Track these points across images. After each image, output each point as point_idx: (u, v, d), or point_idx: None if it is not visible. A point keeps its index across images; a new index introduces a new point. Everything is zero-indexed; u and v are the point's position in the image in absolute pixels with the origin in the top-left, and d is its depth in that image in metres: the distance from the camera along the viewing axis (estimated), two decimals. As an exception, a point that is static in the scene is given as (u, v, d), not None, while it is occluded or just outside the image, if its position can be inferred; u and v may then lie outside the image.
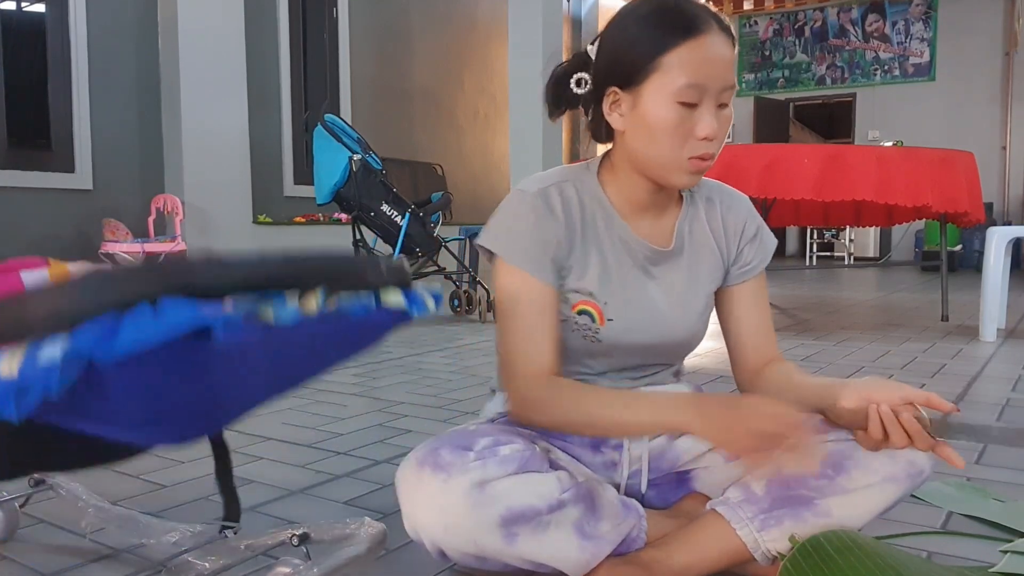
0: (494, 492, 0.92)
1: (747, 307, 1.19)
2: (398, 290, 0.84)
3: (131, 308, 0.62)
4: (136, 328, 0.61)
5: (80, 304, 0.62)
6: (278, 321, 0.71)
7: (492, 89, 9.18)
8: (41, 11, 5.31)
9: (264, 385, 0.84)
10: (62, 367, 0.60)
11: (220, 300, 0.68)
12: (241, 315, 0.68)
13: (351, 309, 0.78)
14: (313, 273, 0.76)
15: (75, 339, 0.61)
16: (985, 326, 3.40)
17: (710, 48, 0.96)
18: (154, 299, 0.63)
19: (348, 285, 0.79)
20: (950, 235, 7.49)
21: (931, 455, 1.00)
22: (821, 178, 3.32)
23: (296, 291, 0.74)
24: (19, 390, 0.61)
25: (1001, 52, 9.38)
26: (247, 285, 0.70)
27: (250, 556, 1.05)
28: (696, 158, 0.99)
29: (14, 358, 0.63)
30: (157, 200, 5.60)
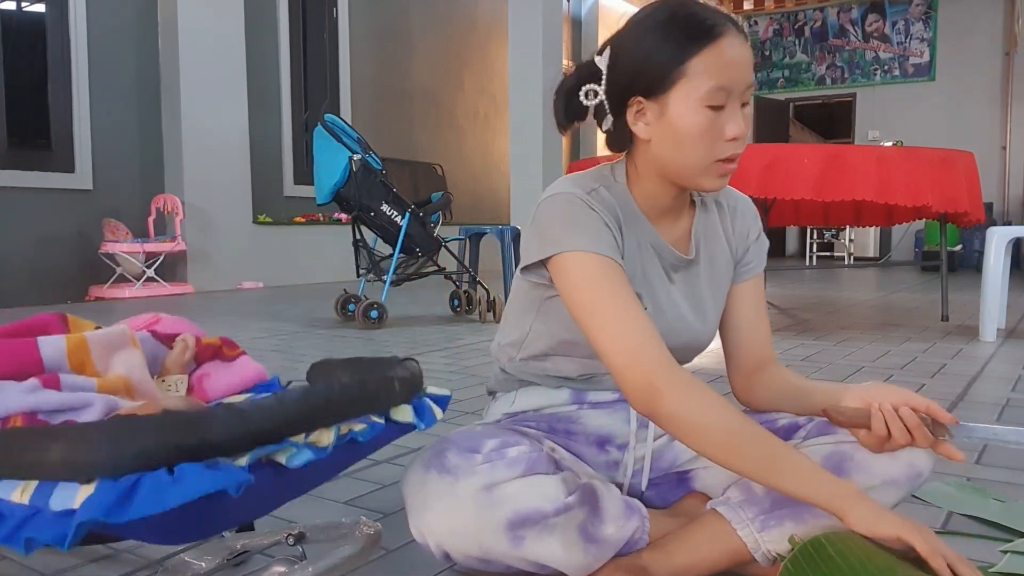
0: (501, 495, 0.92)
1: (745, 306, 1.19)
2: (408, 406, 0.86)
3: (148, 471, 0.64)
4: (152, 492, 0.62)
5: (98, 461, 0.63)
6: (290, 464, 0.73)
7: (492, 89, 9.19)
8: (41, 11, 5.31)
9: (272, 504, 0.87)
10: (75, 530, 0.61)
11: (235, 456, 0.69)
12: (253, 466, 0.69)
13: (363, 436, 0.80)
14: (330, 410, 0.77)
15: (90, 504, 0.62)
16: (985, 326, 3.40)
17: (731, 50, 0.97)
18: (171, 464, 0.64)
19: (360, 411, 0.80)
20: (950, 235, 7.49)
21: (931, 456, 1.01)
22: (821, 178, 3.32)
23: (311, 431, 0.76)
24: (29, 539, 0.62)
25: (1001, 52, 9.38)
26: (262, 437, 0.71)
27: (247, 555, 1.05)
28: (724, 160, 1.00)
29: (26, 489, 0.65)
30: (157, 200, 5.60)
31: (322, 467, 0.79)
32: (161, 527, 0.68)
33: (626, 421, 1.15)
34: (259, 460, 0.71)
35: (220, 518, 0.76)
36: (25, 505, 0.64)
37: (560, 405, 1.16)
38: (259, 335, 3.59)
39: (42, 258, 5.21)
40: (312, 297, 5.39)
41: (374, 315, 3.79)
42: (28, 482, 0.65)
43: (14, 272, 5.03)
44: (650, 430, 1.15)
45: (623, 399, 1.16)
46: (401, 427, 0.87)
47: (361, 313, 3.79)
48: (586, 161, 3.82)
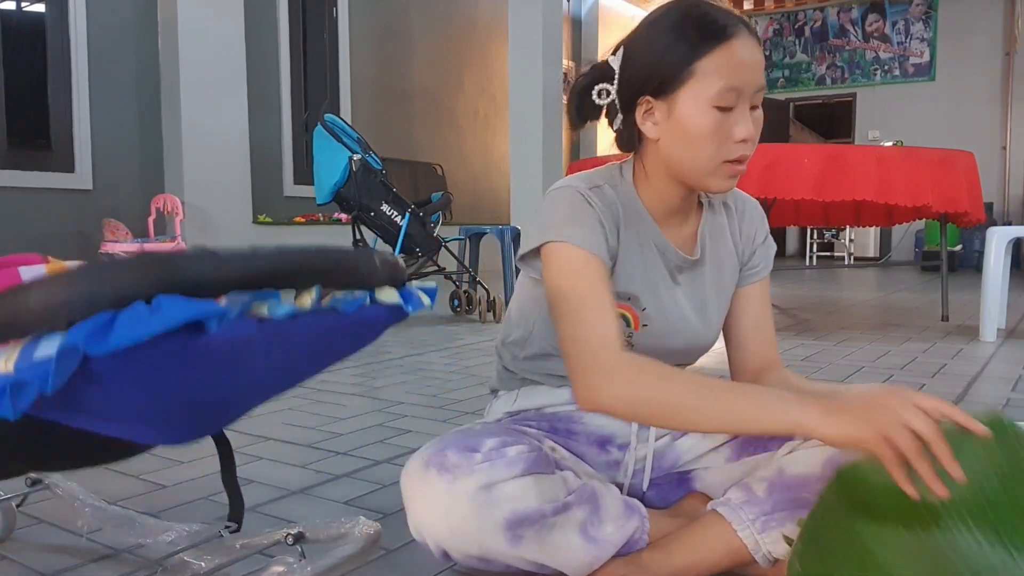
0: (500, 494, 0.92)
1: (751, 309, 1.19)
2: (393, 288, 0.84)
3: (126, 305, 0.63)
4: (130, 324, 0.62)
5: (75, 301, 0.63)
6: (272, 316, 0.71)
7: (492, 89, 9.18)
8: (41, 11, 5.31)
9: (262, 383, 0.84)
10: (57, 362, 0.60)
11: (214, 296, 0.68)
12: (235, 310, 0.68)
13: (346, 305, 0.78)
14: (307, 269, 0.76)
15: (69, 335, 0.61)
16: (985, 326, 3.40)
17: (742, 51, 0.97)
18: (149, 296, 0.63)
19: (343, 282, 0.79)
20: (950, 235, 7.49)
21: None
22: (821, 178, 3.32)
23: (291, 289, 0.75)
24: (14, 386, 0.61)
25: (1001, 52, 9.38)
26: (241, 281, 0.70)
27: (246, 555, 1.05)
28: (732, 162, 1.00)
29: (10, 355, 0.63)
30: (157, 200, 5.60)
31: (308, 336, 0.77)
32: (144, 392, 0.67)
33: (627, 422, 1.15)
34: (241, 312, 0.69)
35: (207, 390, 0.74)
36: (10, 373, 0.63)
37: (561, 404, 1.16)
38: (259, 335, 3.58)
39: (42, 258, 5.20)
40: (312, 297, 5.39)
41: (374, 315, 3.78)
42: (11, 348, 0.64)
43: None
44: (651, 430, 1.15)
45: None
46: (388, 309, 0.83)
47: (361, 313, 3.79)
48: (586, 161, 3.82)
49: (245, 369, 0.77)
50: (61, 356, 0.60)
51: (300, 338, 0.77)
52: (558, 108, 7.24)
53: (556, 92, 7.18)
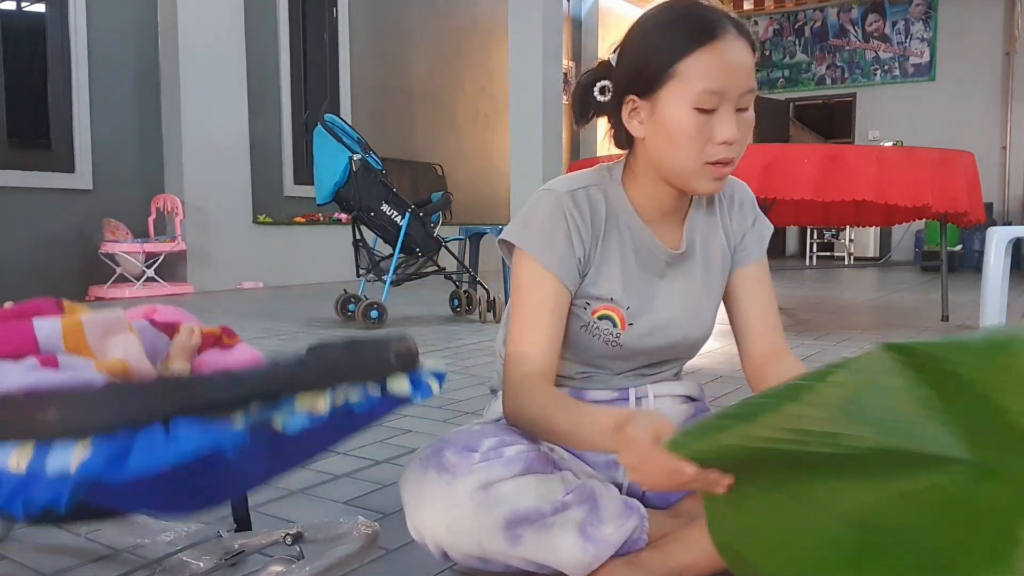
0: (499, 494, 0.92)
1: (748, 291, 1.18)
2: (405, 377, 0.86)
3: (143, 427, 0.64)
4: (147, 450, 0.63)
5: (94, 417, 0.64)
6: (286, 429, 0.73)
7: (492, 89, 9.18)
8: (41, 11, 5.31)
9: (268, 473, 0.86)
10: (72, 489, 0.62)
11: (230, 415, 0.69)
12: (249, 430, 0.69)
13: (359, 406, 0.80)
14: (323, 377, 0.77)
15: (86, 464, 0.62)
16: (985, 326, 3.39)
17: (726, 53, 0.96)
18: (166, 420, 0.64)
19: (357, 380, 0.80)
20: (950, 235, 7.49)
21: None
22: (821, 178, 3.32)
23: (306, 395, 0.75)
24: (26, 501, 0.63)
25: (1001, 52, 9.38)
26: (259, 398, 0.71)
27: (244, 555, 1.05)
28: (716, 163, 0.99)
29: (23, 454, 0.65)
30: (157, 200, 5.60)
31: (318, 435, 0.78)
32: (156, 491, 0.68)
33: None
34: (255, 426, 0.71)
35: (216, 484, 0.76)
36: (22, 474, 0.64)
37: None
38: (259, 335, 3.59)
39: (42, 258, 5.20)
40: (312, 297, 5.39)
41: (374, 315, 3.79)
42: (24, 446, 0.65)
43: (14, 272, 5.03)
44: (648, 428, 1.16)
45: (622, 398, 1.16)
46: (397, 399, 0.86)
47: (361, 313, 3.79)
48: (586, 161, 3.82)
49: (254, 470, 0.79)
50: (77, 485, 0.62)
51: (310, 437, 0.78)
52: (558, 108, 7.24)
53: (556, 92, 7.18)
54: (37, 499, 0.62)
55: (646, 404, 1.16)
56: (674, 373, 1.23)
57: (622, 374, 1.16)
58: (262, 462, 0.77)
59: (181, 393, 0.67)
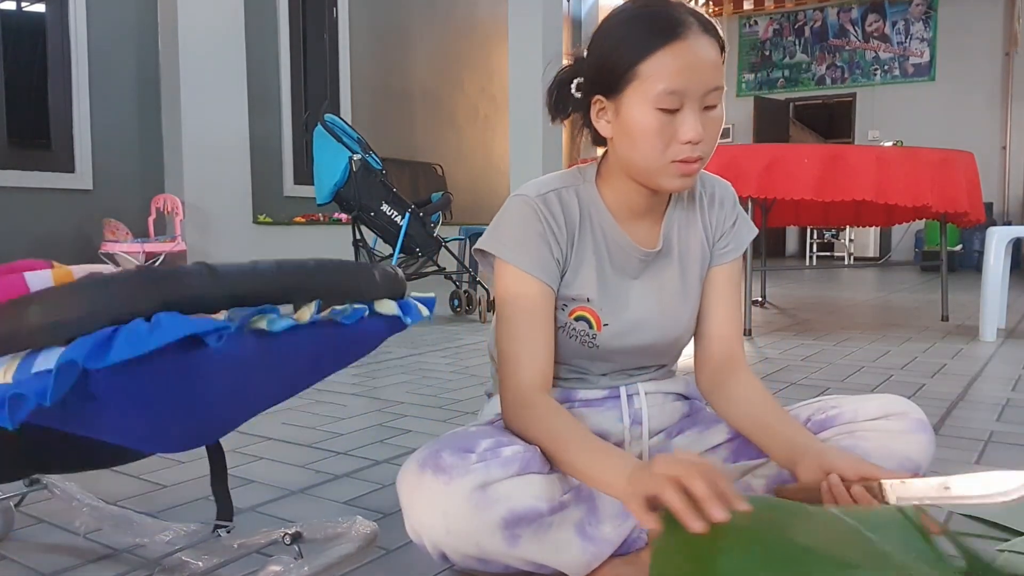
0: (496, 494, 0.92)
1: (713, 292, 1.17)
2: (392, 300, 0.85)
3: (125, 321, 0.63)
4: (129, 340, 0.62)
5: (75, 317, 0.63)
6: (271, 330, 0.72)
7: (492, 89, 9.18)
8: (41, 11, 5.31)
9: (261, 394, 0.84)
10: (56, 376, 0.60)
11: (214, 312, 0.68)
12: (234, 324, 0.68)
13: (345, 318, 0.79)
14: (306, 284, 0.76)
15: (68, 350, 0.61)
16: (985, 326, 3.39)
17: (688, 53, 0.95)
18: (148, 313, 0.64)
19: (342, 295, 0.79)
20: (950, 235, 7.49)
21: (928, 449, 1.03)
22: (821, 178, 3.32)
23: (290, 304, 0.75)
24: (13, 398, 0.61)
25: (1001, 52, 9.38)
26: (240, 297, 0.70)
27: (243, 555, 1.05)
28: (681, 162, 0.99)
29: (9, 366, 0.64)
30: (157, 200, 5.60)
31: (308, 348, 0.77)
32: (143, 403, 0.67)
33: (618, 418, 1.15)
34: (240, 327, 0.69)
35: (206, 401, 0.74)
36: (9, 384, 0.63)
37: None
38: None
39: (42, 258, 5.20)
40: (312, 297, 5.39)
41: (374, 315, 3.79)
42: (11, 359, 0.64)
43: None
44: (644, 427, 1.15)
45: (613, 396, 1.16)
46: (387, 321, 0.84)
47: (361, 313, 3.79)
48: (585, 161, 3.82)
49: (244, 381, 0.77)
50: (60, 371, 0.61)
51: (299, 350, 0.77)
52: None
53: (556, 92, 7.16)
54: (24, 394, 0.61)
55: (637, 402, 1.15)
56: (661, 373, 1.23)
57: (607, 375, 1.16)
58: (250, 373, 0.75)
59: (163, 286, 0.65)
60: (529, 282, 1.05)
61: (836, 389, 2.41)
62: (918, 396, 2.29)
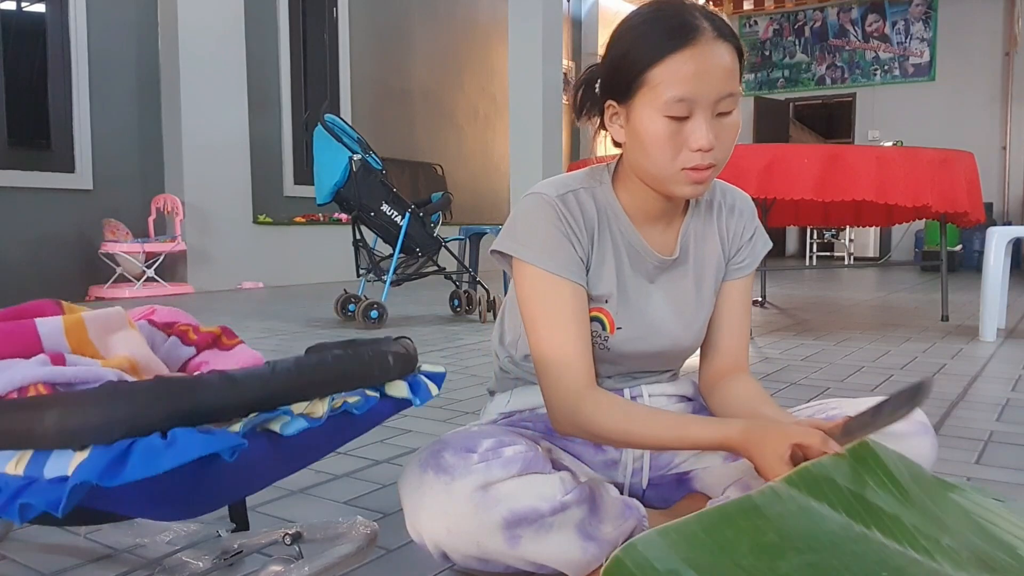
0: (498, 494, 0.92)
1: (730, 307, 1.17)
2: (403, 382, 0.86)
3: (142, 434, 0.64)
4: (145, 456, 0.63)
5: (92, 425, 0.63)
6: (284, 432, 0.73)
7: (492, 89, 9.19)
8: (41, 11, 5.31)
9: (267, 477, 0.86)
10: (69, 493, 0.61)
11: (228, 421, 0.69)
12: (247, 433, 0.69)
13: (357, 408, 0.80)
14: (322, 381, 0.77)
15: (84, 468, 0.62)
16: (985, 326, 3.39)
17: (698, 59, 0.93)
18: (165, 428, 0.64)
19: (355, 384, 0.80)
20: (950, 235, 7.49)
21: (931, 448, 1.05)
22: (821, 178, 3.32)
23: (304, 402, 0.76)
24: (23, 505, 0.62)
25: (1001, 52, 9.38)
26: (258, 404, 0.71)
27: (243, 555, 1.05)
28: (691, 169, 0.97)
29: (22, 458, 0.65)
30: (157, 200, 5.60)
31: (317, 438, 0.78)
32: (155, 496, 0.68)
33: None
34: (254, 429, 0.70)
35: (215, 489, 0.75)
36: (20, 476, 0.64)
37: None
38: (259, 335, 3.59)
39: (42, 258, 5.21)
40: (312, 297, 5.39)
41: (374, 315, 3.79)
42: (23, 452, 0.65)
43: (14, 272, 5.03)
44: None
45: None
46: (396, 402, 0.86)
47: (361, 313, 3.79)
48: (585, 161, 3.82)
49: (253, 474, 0.79)
50: (74, 489, 0.61)
51: (309, 441, 0.78)
52: (558, 108, 7.24)
53: (556, 92, 7.18)
54: (35, 503, 0.62)
55: (640, 404, 1.15)
56: (665, 378, 1.22)
57: (612, 377, 1.16)
58: (261, 466, 0.77)
59: (179, 398, 0.66)
60: (559, 284, 1.03)
61: (836, 389, 2.40)
62: (918, 396, 2.28)
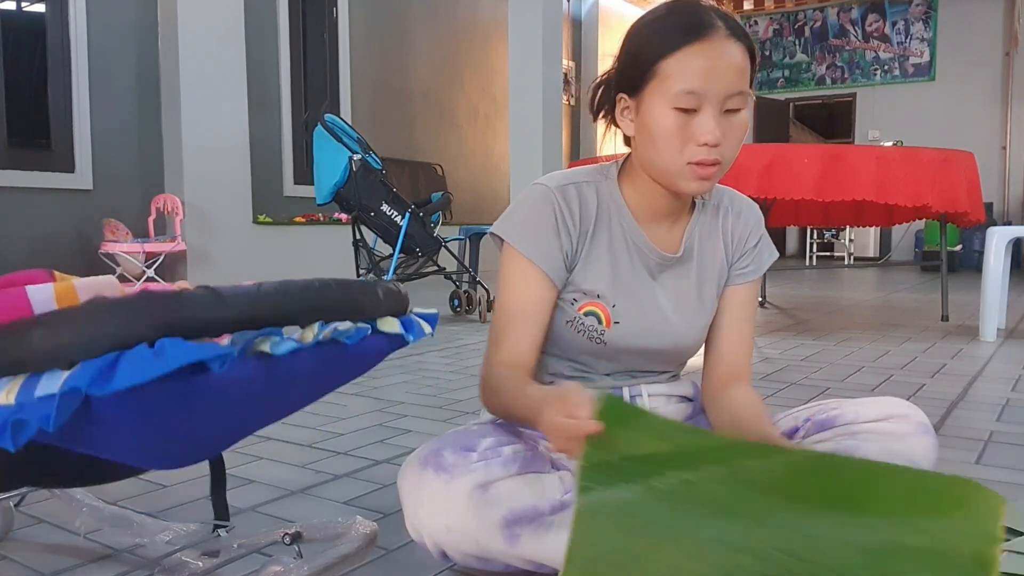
0: (497, 493, 0.92)
1: (729, 311, 1.17)
2: (395, 318, 0.85)
3: (129, 347, 0.63)
4: (133, 366, 0.62)
5: (78, 342, 0.63)
6: (275, 353, 0.72)
7: (492, 89, 9.18)
8: (41, 11, 5.31)
9: (261, 413, 0.85)
10: (59, 403, 0.61)
11: (217, 336, 0.69)
12: (237, 350, 0.68)
13: (348, 338, 0.79)
14: (310, 306, 0.77)
15: (72, 377, 0.62)
16: (985, 326, 3.39)
17: (711, 54, 0.95)
18: (152, 339, 0.64)
19: (345, 315, 0.79)
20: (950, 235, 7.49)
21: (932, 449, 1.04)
22: (821, 178, 3.32)
23: (293, 325, 0.75)
24: (16, 423, 0.61)
25: (1001, 52, 9.38)
26: (245, 321, 0.71)
27: (243, 555, 1.05)
28: (696, 164, 0.98)
29: (12, 387, 0.64)
30: (157, 200, 5.59)
31: (310, 368, 0.77)
32: (145, 425, 0.67)
33: None
34: (243, 351, 0.69)
35: (208, 421, 0.74)
36: (11, 405, 0.63)
37: None
38: (259, 335, 3.59)
39: (42, 258, 5.20)
40: (312, 297, 5.38)
41: (374, 315, 3.78)
42: (13, 380, 0.64)
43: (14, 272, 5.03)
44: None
45: None
46: (389, 338, 0.85)
47: (361, 313, 3.79)
48: (585, 161, 3.82)
49: (247, 403, 0.78)
50: (64, 398, 0.61)
51: (302, 370, 0.78)
52: (558, 108, 7.24)
53: (556, 92, 7.17)
54: (27, 419, 0.61)
55: (640, 403, 1.15)
56: (665, 378, 1.22)
57: (611, 375, 1.16)
58: (252, 394, 0.76)
59: (166, 311, 0.65)
60: (530, 271, 1.06)
61: (836, 389, 2.41)
62: (918, 396, 2.29)
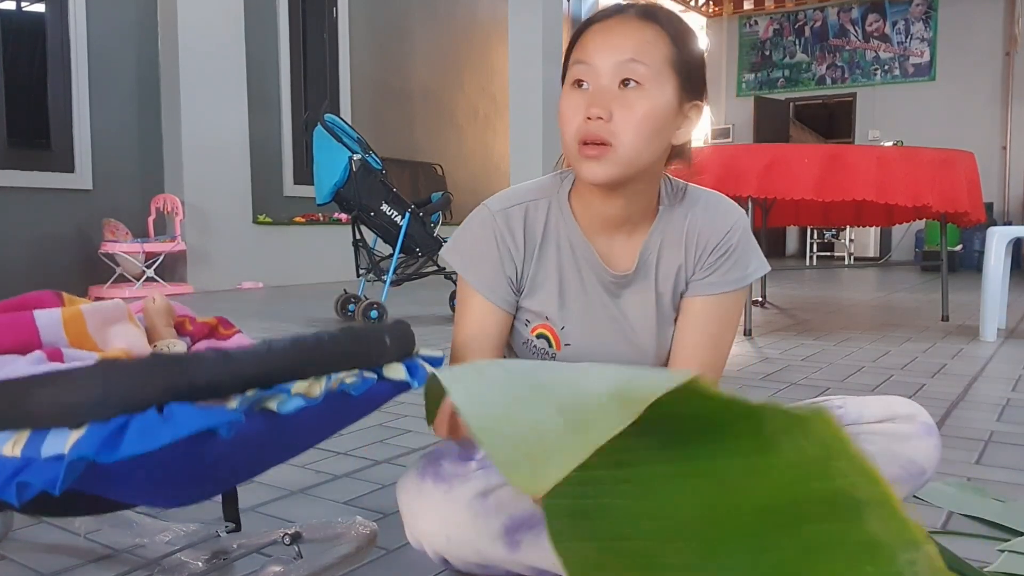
0: (497, 501, 0.92)
1: (683, 324, 1.05)
2: (401, 364, 0.86)
3: (138, 411, 0.63)
4: (141, 434, 0.62)
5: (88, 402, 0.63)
6: (281, 410, 0.73)
7: (492, 89, 9.18)
8: (41, 11, 5.31)
9: (267, 459, 0.86)
10: (66, 468, 0.61)
11: (225, 397, 0.69)
12: (244, 411, 0.69)
13: (355, 389, 0.80)
14: (320, 360, 0.77)
15: (80, 443, 0.62)
16: (985, 326, 3.39)
17: (607, 30, 0.94)
18: (161, 403, 0.64)
19: (352, 365, 0.80)
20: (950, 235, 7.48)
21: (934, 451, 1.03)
22: (821, 178, 3.32)
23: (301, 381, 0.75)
24: (21, 485, 0.62)
25: (1001, 52, 9.38)
26: (254, 381, 0.71)
27: (243, 555, 1.05)
28: (583, 143, 0.92)
29: (19, 439, 0.65)
30: (157, 200, 5.59)
31: (315, 419, 0.78)
32: (152, 478, 0.68)
33: None
34: (251, 408, 0.70)
35: (213, 471, 0.75)
36: (17, 457, 0.64)
37: None
38: (259, 335, 3.58)
39: (42, 258, 5.20)
40: (312, 297, 5.39)
41: (374, 315, 3.79)
42: (20, 433, 0.65)
43: (14, 272, 5.02)
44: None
45: None
46: (395, 385, 0.85)
47: (361, 313, 3.79)
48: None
49: (254, 453, 0.79)
50: (71, 466, 0.61)
51: (308, 421, 0.78)
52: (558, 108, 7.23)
53: (556, 92, 7.16)
54: (32, 481, 0.61)
55: None
56: None
57: None
58: (259, 447, 0.76)
59: (175, 374, 0.66)
60: (477, 299, 1.03)
61: (836, 389, 2.40)
62: (918, 396, 2.29)
